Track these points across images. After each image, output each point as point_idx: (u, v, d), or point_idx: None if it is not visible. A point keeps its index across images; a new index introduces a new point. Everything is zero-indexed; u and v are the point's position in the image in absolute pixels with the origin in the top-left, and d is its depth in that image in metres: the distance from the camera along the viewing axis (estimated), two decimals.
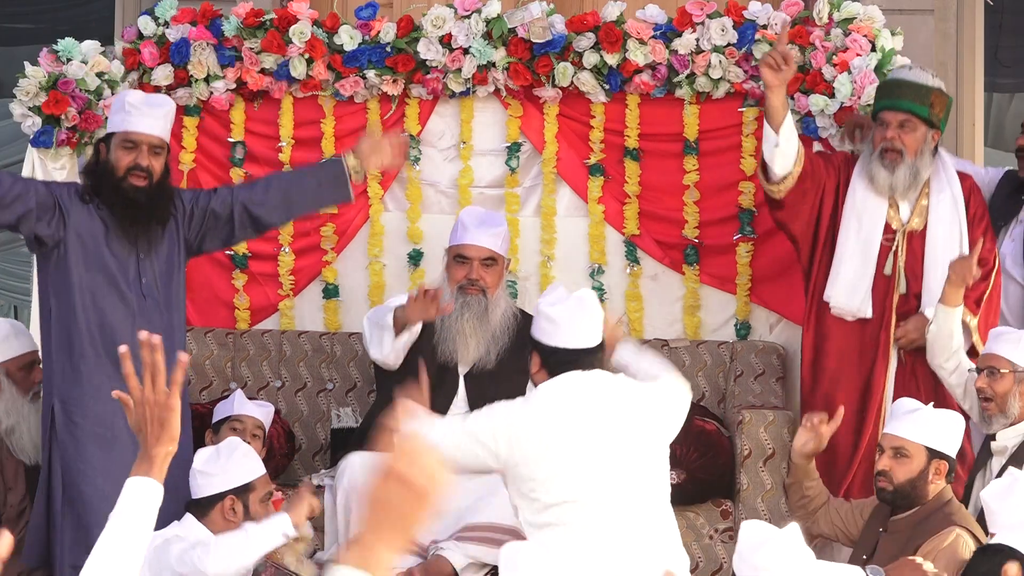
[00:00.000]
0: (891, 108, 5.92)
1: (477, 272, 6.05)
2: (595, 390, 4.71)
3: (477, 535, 5.70)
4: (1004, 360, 5.40)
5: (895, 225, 5.98)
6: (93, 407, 5.47)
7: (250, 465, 5.09)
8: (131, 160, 5.54)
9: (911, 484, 5.06)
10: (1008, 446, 5.39)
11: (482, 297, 6.03)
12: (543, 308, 4.78)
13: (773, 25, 6.42)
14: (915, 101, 5.90)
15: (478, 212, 6.23)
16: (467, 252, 6.08)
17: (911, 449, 5.06)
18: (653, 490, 4.70)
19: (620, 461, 4.65)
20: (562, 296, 4.81)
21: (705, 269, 6.68)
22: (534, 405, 4.70)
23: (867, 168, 5.96)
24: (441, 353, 6.05)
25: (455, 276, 6.08)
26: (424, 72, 6.59)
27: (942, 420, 5.13)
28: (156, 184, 5.58)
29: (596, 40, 6.50)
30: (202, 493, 5.05)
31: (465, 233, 6.09)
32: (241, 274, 6.77)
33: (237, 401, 5.93)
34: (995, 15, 7.59)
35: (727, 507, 6.04)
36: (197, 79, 6.62)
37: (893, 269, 5.97)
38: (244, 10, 6.62)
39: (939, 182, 6.01)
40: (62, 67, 6.43)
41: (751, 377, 6.45)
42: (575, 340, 4.74)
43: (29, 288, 6.91)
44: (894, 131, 5.90)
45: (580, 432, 4.62)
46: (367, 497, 2.18)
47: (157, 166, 5.57)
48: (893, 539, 5.10)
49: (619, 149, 6.67)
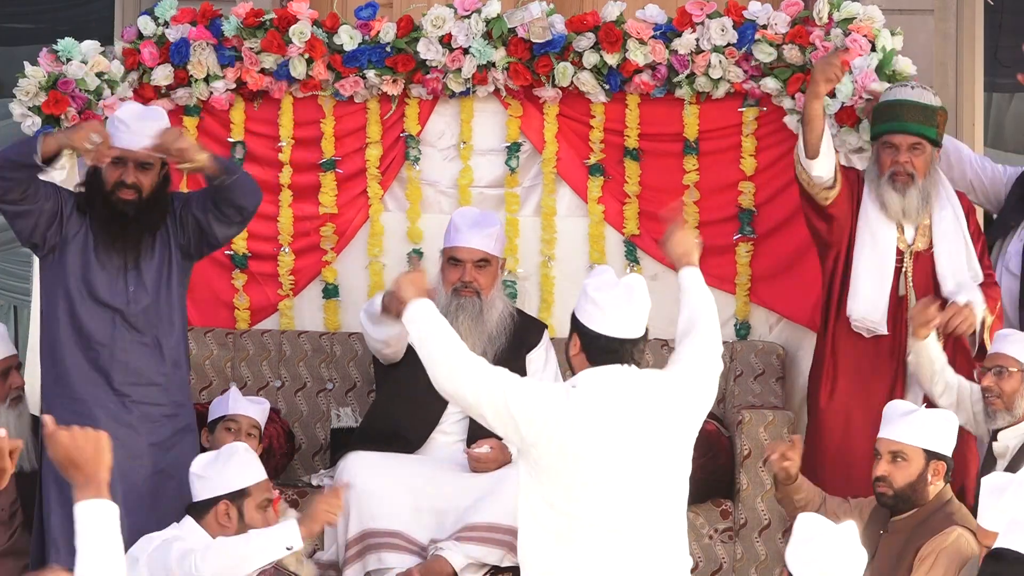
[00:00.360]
0: (901, 131, 5.88)
1: (470, 274, 6.04)
2: (633, 393, 4.56)
3: (477, 535, 5.70)
4: (1012, 359, 5.43)
5: (902, 247, 5.97)
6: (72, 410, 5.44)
7: (247, 471, 5.06)
8: (118, 176, 5.54)
9: (911, 487, 5.06)
10: (1010, 447, 5.40)
11: (476, 299, 6.02)
12: (591, 291, 4.61)
13: (774, 25, 6.42)
14: (924, 123, 5.88)
15: (471, 213, 6.22)
16: (459, 255, 6.06)
17: (909, 452, 5.06)
18: (670, 499, 4.61)
19: (645, 468, 4.53)
20: (611, 281, 4.66)
21: (705, 269, 6.61)
22: (575, 403, 4.51)
23: (876, 192, 5.93)
24: None
25: (449, 278, 6.06)
26: (424, 72, 6.59)
27: (937, 420, 5.13)
28: (147, 198, 5.56)
29: (596, 40, 6.49)
30: (198, 496, 5.04)
31: (457, 235, 6.08)
32: (241, 274, 6.77)
33: (232, 400, 5.90)
34: (995, 15, 7.59)
35: (727, 507, 6.04)
36: (197, 79, 6.62)
37: (905, 289, 5.96)
38: (244, 10, 6.62)
39: (940, 200, 5.99)
40: (62, 67, 6.44)
41: (751, 377, 6.45)
42: (619, 329, 4.58)
43: (29, 288, 6.90)
44: (906, 155, 5.88)
45: (613, 439, 4.50)
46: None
47: (146, 181, 5.55)
48: (894, 539, 5.10)
49: (619, 149, 6.67)
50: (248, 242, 6.74)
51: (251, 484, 5.03)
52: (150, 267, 5.60)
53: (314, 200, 6.74)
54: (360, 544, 5.77)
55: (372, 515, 5.77)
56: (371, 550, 5.75)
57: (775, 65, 6.43)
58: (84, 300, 5.56)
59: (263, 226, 6.74)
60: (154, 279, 5.61)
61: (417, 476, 5.86)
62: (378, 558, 5.74)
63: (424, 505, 5.82)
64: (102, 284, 5.56)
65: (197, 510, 5.03)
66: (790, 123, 6.46)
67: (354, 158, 6.74)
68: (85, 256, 5.57)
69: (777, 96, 6.47)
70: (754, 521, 6.01)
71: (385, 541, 5.75)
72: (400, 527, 5.77)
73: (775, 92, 6.45)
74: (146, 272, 5.60)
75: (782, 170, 6.57)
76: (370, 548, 5.75)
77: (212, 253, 6.37)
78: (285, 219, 6.75)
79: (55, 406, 5.48)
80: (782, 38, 6.42)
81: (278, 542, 4.80)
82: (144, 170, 5.54)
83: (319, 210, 6.74)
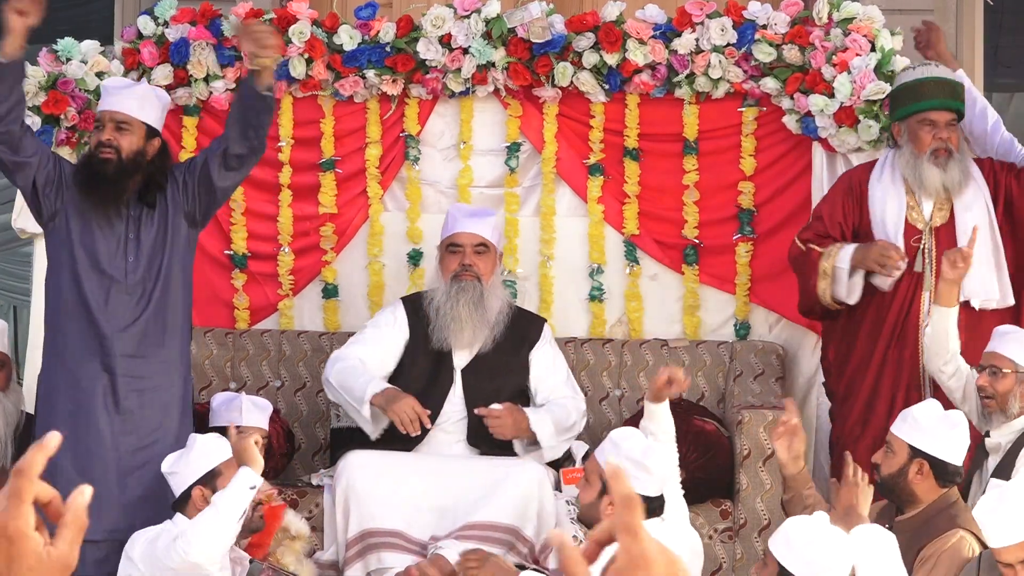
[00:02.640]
0: (940, 108, 5.87)
1: (470, 258, 6.04)
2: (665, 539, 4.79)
3: (477, 534, 5.70)
4: (1007, 360, 5.38)
5: (920, 225, 5.95)
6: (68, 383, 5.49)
7: (212, 453, 5.14)
8: (98, 137, 5.60)
9: (892, 479, 5.03)
10: (1002, 443, 5.37)
11: (477, 283, 6.02)
12: (642, 460, 4.72)
13: (773, 25, 6.43)
14: (957, 99, 5.91)
15: (467, 206, 6.27)
16: (459, 239, 6.07)
17: (895, 445, 5.05)
18: None
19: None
20: (648, 444, 4.81)
21: (705, 269, 6.68)
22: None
23: (914, 171, 5.89)
24: (436, 341, 6.02)
25: (449, 266, 6.07)
26: (424, 72, 6.59)
27: (932, 420, 5.05)
28: (126, 160, 5.58)
29: (596, 40, 6.50)
30: (176, 491, 5.14)
31: (455, 223, 6.10)
32: (241, 274, 6.77)
33: (245, 411, 5.80)
34: (995, 15, 7.60)
35: (727, 507, 6.04)
36: (197, 79, 6.62)
37: (923, 266, 5.93)
38: (244, 10, 6.62)
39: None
40: (62, 67, 6.44)
41: (750, 377, 6.45)
42: (656, 489, 4.76)
43: (29, 288, 6.91)
44: (945, 131, 5.88)
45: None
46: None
47: (125, 143, 5.58)
48: (897, 540, 5.08)
49: (619, 149, 6.67)
50: (248, 242, 6.74)
51: (218, 464, 5.12)
52: (148, 237, 5.62)
53: (314, 200, 6.75)
54: (360, 544, 5.77)
55: (372, 515, 5.77)
56: (371, 550, 5.75)
57: (775, 65, 6.43)
58: (86, 269, 5.59)
59: (263, 226, 6.75)
60: (151, 250, 5.62)
61: (417, 475, 5.86)
62: (378, 558, 5.74)
63: (424, 504, 5.82)
64: (103, 252, 5.59)
65: (180, 504, 5.12)
66: (789, 123, 6.46)
67: (354, 158, 6.74)
68: (87, 225, 5.60)
69: (777, 96, 6.47)
70: (754, 521, 6.01)
71: (385, 541, 5.75)
72: (400, 526, 5.77)
73: (775, 92, 6.46)
74: (144, 243, 5.61)
75: (782, 170, 6.58)
76: (370, 548, 5.75)
77: (211, 254, 6.39)
78: (285, 219, 6.75)
79: (54, 391, 5.51)
80: (782, 38, 6.42)
81: (241, 489, 4.93)
82: (122, 131, 5.58)
83: (319, 210, 6.74)
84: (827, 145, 6.39)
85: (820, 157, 6.44)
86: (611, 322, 6.70)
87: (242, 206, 6.74)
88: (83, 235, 5.59)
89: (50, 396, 5.55)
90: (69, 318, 5.57)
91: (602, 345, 6.59)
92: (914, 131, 5.91)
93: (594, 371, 6.55)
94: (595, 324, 6.70)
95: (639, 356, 6.56)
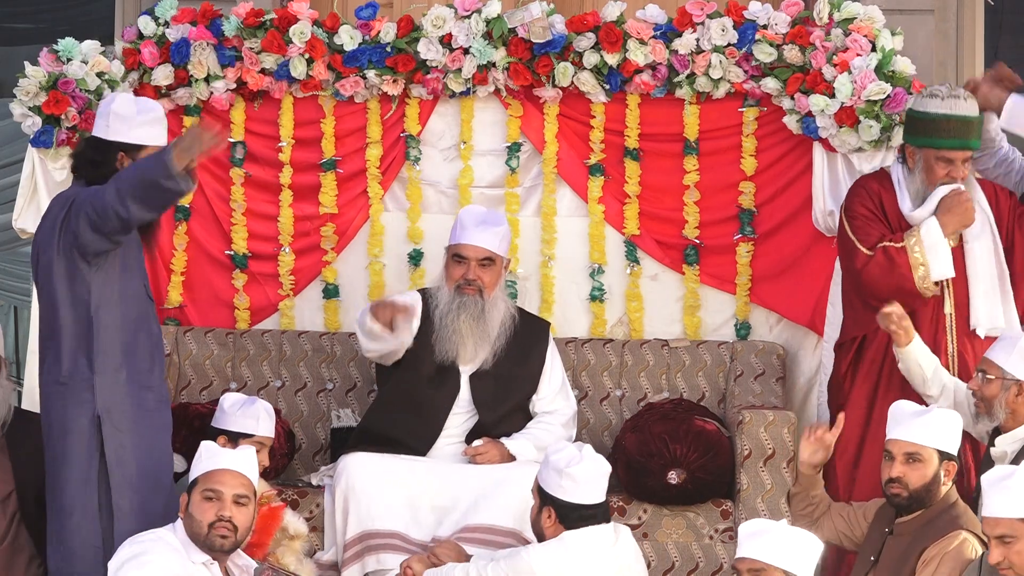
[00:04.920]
0: (962, 148, 5.88)
1: (474, 272, 6.06)
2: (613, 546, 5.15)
3: (476, 536, 5.70)
4: (995, 367, 5.40)
5: None
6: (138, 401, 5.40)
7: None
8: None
9: (926, 488, 5.05)
10: (1008, 451, 5.38)
11: (478, 298, 6.04)
12: (565, 468, 5.10)
13: (774, 25, 6.43)
14: (977, 137, 5.92)
15: (478, 212, 6.24)
16: (464, 252, 6.09)
17: (924, 454, 5.04)
18: None
19: None
20: (576, 454, 5.14)
21: (705, 269, 6.68)
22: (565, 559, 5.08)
23: (924, 200, 5.91)
24: (439, 352, 6.06)
25: (453, 275, 6.09)
26: (424, 72, 6.59)
27: (946, 420, 5.11)
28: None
29: (596, 40, 6.50)
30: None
31: (463, 233, 6.10)
32: (241, 274, 6.76)
33: (261, 421, 5.73)
34: (995, 15, 7.59)
35: (727, 507, 6.04)
36: (197, 79, 6.62)
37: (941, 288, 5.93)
38: (244, 10, 6.62)
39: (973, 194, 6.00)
40: (62, 67, 6.44)
41: (751, 377, 6.45)
42: (593, 496, 5.14)
43: (29, 288, 6.90)
44: (961, 169, 5.89)
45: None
46: None
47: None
48: (899, 541, 5.09)
49: (619, 149, 6.67)
50: (248, 242, 6.74)
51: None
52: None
53: (314, 200, 6.74)
54: (359, 545, 5.77)
55: (371, 516, 5.77)
56: (370, 551, 5.75)
57: (775, 65, 6.43)
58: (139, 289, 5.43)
59: (263, 226, 6.75)
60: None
61: (416, 476, 5.86)
62: (377, 559, 5.74)
63: (423, 505, 5.83)
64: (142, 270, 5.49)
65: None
66: (790, 123, 6.46)
67: (354, 158, 6.74)
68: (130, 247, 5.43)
69: (777, 96, 6.47)
70: None
71: (384, 542, 5.75)
72: (399, 528, 5.77)
73: (775, 92, 6.45)
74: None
75: (782, 170, 6.58)
76: (369, 549, 5.75)
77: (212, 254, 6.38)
78: (285, 219, 6.75)
79: (113, 409, 5.34)
80: (782, 38, 6.42)
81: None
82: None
83: (319, 210, 6.74)
84: (828, 145, 6.39)
85: (821, 157, 6.43)
86: (612, 322, 6.70)
87: (243, 206, 6.74)
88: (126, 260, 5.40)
89: (115, 422, 5.38)
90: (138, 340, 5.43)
91: (603, 345, 6.59)
92: (929, 164, 5.91)
93: (594, 371, 6.55)
94: (596, 324, 6.70)
95: (640, 356, 6.56)
